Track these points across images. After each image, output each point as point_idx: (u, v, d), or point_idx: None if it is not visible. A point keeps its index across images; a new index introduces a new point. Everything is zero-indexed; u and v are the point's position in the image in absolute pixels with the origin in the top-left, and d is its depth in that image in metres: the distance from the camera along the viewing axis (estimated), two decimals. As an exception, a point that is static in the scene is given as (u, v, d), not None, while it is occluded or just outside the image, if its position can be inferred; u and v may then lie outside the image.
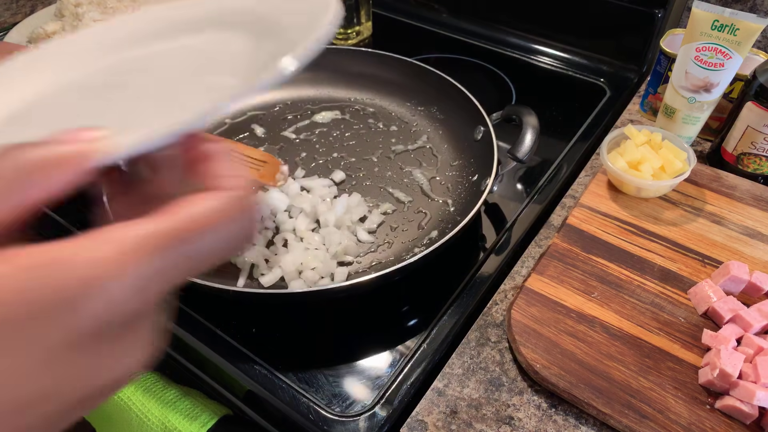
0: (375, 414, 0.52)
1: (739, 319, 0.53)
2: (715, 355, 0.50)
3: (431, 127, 0.82)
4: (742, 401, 0.47)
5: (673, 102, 0.74)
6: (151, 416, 0.56)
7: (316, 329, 0.60)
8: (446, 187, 0.73)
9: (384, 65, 0.86)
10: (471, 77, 0.96)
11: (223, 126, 0.83)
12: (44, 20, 1.05)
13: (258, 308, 0.62)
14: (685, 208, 0.67)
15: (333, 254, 0.63)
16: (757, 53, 0.77)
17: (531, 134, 0.65)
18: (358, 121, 0.84)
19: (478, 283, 0.62)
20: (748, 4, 0.84)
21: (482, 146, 0.71)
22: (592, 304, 0.57)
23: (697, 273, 0.60)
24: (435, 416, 0.51)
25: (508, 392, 0.53)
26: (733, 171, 0.72)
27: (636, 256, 0.62)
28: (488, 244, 0.67)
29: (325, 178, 0.74)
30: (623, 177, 0.66)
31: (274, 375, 0.55)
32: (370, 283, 0.55)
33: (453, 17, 1.08)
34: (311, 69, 0.88)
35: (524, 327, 0.55)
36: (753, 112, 0.67)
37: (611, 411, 0.49)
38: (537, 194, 0.73)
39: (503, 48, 1.02)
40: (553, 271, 0.60)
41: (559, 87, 0.94)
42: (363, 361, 0.56)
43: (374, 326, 0.60)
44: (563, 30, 0.98)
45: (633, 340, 0.54)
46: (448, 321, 0.59)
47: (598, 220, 0.66)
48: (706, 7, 0.66)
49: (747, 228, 0.64)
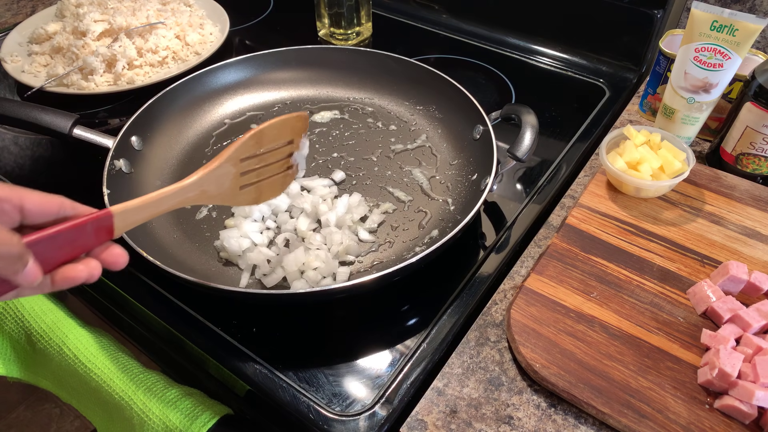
0: (375, 413, 0.52)
1: (738, 318, 0.54)
2: (714, 354, 0.50)
3: (430, 127, 0.82)
4: (741, 401, 0.48)
5: (672, 102, 0.74)
6: (152, 416, 0.56)
7: (316, 328, 0.61)
8: (446, 186, 0.73)
9: (383, 65, 0.86)
10: (470, 77, 0.96)
11: (223, 126, 0.83)
12: (45, 20, 1.05)
13: (258, 308, 0.62)
14: (684, 208, 0.67)
15: (334, 254, 0.64)
16: (756, 54, 0.77)
17: (530, 133, 0.65)
18: (357, 121, 0.84)
19: (478, 282, 0.63)
20: (747, 5, 0.84)
21: (481, 145, 0.72)
22: (591, 303, 0.57)
23: (696, 273, 0.60)
24: (435, 416, 0.51)
25: (508, 392, 0.53)
26: (732, 171, 0.73)
27: (635, 256, 0.62)
28: (488, 242, 0.68)
29: (326, 178, 0.74)
30: (622, 177, 0.66)
31: (274, 374, 0.55)
32: (372, 282, 0.55)
33: (453, 17, 1.08)
34: (311, 69, 0.89)
35: (523, 327, 0.55)
36: (752, 113, 0.67)
37: (610, 410, 0.49)
38: (536, 194, 0.74)
39: (503, 48, 1.02)
40: (553, 270, 0.60)
41: (559, 87, 0.94)
42: (363, 360, 0.56)
43: (374, 326, 0.61)
44: (563, 30, 0.98)
45: (632, 339, 0.54)
46: (447, 320, 0.59)
47: (598, 220, 0.66)
48: (705, 7, 0.66)
49: (746, 228, 0.65)
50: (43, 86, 0.90)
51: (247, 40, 1.08)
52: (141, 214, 0.45)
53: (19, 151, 0.84)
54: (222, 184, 0.52)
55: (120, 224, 0.43)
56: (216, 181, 0.51)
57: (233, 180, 0.53)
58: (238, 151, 0.52)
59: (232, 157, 0.52)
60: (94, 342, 0.62)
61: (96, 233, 0.41)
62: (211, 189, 0.51)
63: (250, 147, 0.53)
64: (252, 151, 0.54)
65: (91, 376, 0.60)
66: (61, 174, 0.81)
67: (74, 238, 0.40)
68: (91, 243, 0.41)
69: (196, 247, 0.67)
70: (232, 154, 0.52)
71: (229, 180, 0.53)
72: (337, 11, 1.01)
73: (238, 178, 0.53)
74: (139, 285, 0.64)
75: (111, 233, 0.43)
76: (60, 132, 0.72)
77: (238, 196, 0.55)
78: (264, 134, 0.54)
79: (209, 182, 0.51)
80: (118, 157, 0.70)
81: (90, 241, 0.41)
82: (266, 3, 1.19)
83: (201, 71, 0.83)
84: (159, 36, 0.97)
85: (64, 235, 0.39)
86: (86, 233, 0.41)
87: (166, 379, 0.59)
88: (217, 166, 0.51)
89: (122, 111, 0.91)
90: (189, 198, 0.49)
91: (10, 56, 0.97)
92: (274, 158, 0.57)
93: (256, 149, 0.54)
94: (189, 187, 0.49)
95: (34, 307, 0.65)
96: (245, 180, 0.54)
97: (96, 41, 0.94)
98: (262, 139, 0.54)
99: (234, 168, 0.53)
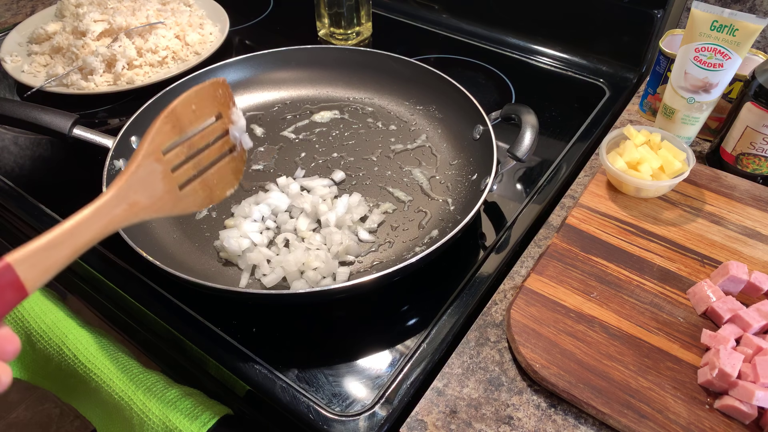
0: (375, 413, 0.52)
1: (738, 319, 0.54)
2: (714, 355, 0.50)
3: (430, 126, 0.82)
4: (741, 401, 0.48)
5: (672, 102, 0.74)
6: (152, 416, 0.56)
7: (316, 328, 0.61)
8: (446, 186, 0.73)
9: (383, 65, 0.86)
10: (470, 77, 0.96)
11: (223, 126, 0.83)
12: (45, 20, 1.05)
13: (258, 308, 0.62)
14: (685, 209, 0.67)
15: (334, 254, 0.64)
16: (756, 53, 0.77)
17: (530, 133, 0.65)
18: (357, 121, 0.84)
19: (478, 282, 0.63)
20: (747, 5, 0.84)
21: (481, 145, 0.71)
22: (591, 304, 0.57)
23: (696, 273, 0.60)
24: (434, 416, 0.51)
25: (508, 392, 0.53)
26: (733, 171, 0.72)
27: (635, 256, 0.62)
28: (488, 242, 0.68)
29: (325, 177, 0.74)
30: (622, 177, 0.66)
31: (274, 374, 0.55)
32: (372, 282, 0.55)
33: (453, 17, 1.08)
34: (311, 69, 0.89)
35: (523, 327, 0.55)
36: (752, 113, 0.67)
37: (610, 411, 0.49)
38: (536, 194, 0.74)
39: (503, 48, 1.02)
40: (553, 271, 0.60)
41: (559, 87, 0.94)
42: (363, 360, 0.56)
43: (374, 326, 0.61)
44: (562, 30, 0.98)
45: (632, 339, 0.54)
46: (447, 321, 0.59)
47: (598, 220, 0.66)
48: (705, 7, 0.66)
49: (746, 228, 0.65)
50: (43, 86, 0.90)
51: (247, 40, 1.08)
52: (56, 254, 0.35)
53: (19, 151, 0.84)
54: (153, 188, 0.43)
55: (29, 274, 0.33)
56: (143, 187, 0.42)
57: (165, 180, 0.44)
58: (154, 142, 0.43)
59: (150, 151, 0.43)
60: (93, 342, 0.62)
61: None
62: (142, 198, 0.42)
63: (167, 133, 0.44)
64: (172, 138, 0.45)
65: (91, 376, 0.60)
66: (61, 174, 0.81)
67: None
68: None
69: (195, 247, 0.67)
70: (147, 148, 0.43)
71: (160, 181, 0.44)
72: (337, 11, 1.01)
73: (170, 177, 0.45)
74: (139, 285, 0.64)
75: (21, 290, 0.33)
76: (60, 132, 0.72)
77: (183, 199, 0.47)
78: (178, 113, 0.45)
79: (134, 190, 0.42)
80: (118, 157, 0.70)
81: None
82: (266, 3, 1.19)
83: (201, 71, 0.83)
84: (159, 36, 0.97)
85: None
86: None
87: (166, 379, 0.59)
88: (136, 167, 0.42)
89: (122, 111, 0.91)
90: (117, 217, 0.40)
91: (9, 56, 0.97)
92: (205, 141, 0.48)
93: (176, 134, 0.45)
94: (109, 203, 0.39)
95: (33, 307, 0.65)
96: (181, 176, 0.46)
97: (96, 41, 0.94)
98: (179, 119, 0.45)
99: (159, 164, 0.44)
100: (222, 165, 0.51)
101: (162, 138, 0.44)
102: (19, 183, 0.78)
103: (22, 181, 0.78)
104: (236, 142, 0.52)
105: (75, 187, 0.78)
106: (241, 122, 0.52)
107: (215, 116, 0.49)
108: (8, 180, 0.78)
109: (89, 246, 0.38)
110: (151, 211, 0.44)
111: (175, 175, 0.45)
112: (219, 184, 0.51)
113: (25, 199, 0.75)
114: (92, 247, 0.38)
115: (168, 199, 0.45)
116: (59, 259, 0.36)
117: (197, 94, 0.47)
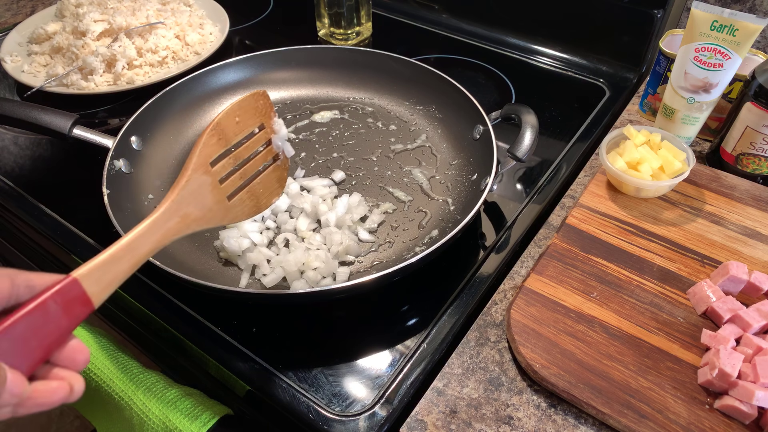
0: (375, 413, 0.52)
1: (738, 319, 0.54)
2: (714, 355, 0.50)
3: (430, 126, 0.82)
4: (741, 401, 0.48)
5: (672, 102, 0.74)
6: (152, 416, 0.56)
7: (316, 328, 0.60)
8: (446, 186, 0.73)
9: (383, 65, 0.86)
10: (470, 77, 0.96)
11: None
12: (45, 20, 1.05)
13: (258, 308, 0.62)
14: (685, 209, 0.67)
15: (334, 254, 0.64)
16: (756, 53, 0.77)
17: (530, 133, 0.65)
18: (357, 121, 0.84)
19: (478, 282, 0.63)
20: (748, 5, 0.84)
21: (481, 145, 0.71)
22: (591, 304, 0.57)
23: (696, 273, 0.60)
24: (434, 416, 0.51)
25: (508, 392, 0.53)
26: (733, 171, 0.72)
27: (635, 256, 0.62)
28: (488, 242, 0.68)
29: (325, 177, 0.74)
30: (622, 177, 0.66)
31: (274, 374, 0.55)
32: (372, 282, 0.55)
33: (453, 17, 1.08)
34: (310, 69, 0.89)
35: (523, 327, 0.55)
36: (752, 113, 0.67)
37: (610, 411, 0.49)
38: (536, 194, 0.74)
39: (503, 48, 1.02)
40: (553, 271, 0.60)
41: (559, 87, 0.94)
42: (363, 360, 0.56)
43: (374, 326, 0.61)
44: (562, 30, 0.98)
45: (632, 339, 0.54)
46: (447, 321, 0.59)
47: (598, 220, 0.66)
48: (705, 7, 0.66)
49: (746, 228, 0.65)
50: (43, 86, 0.90)
51: (247, 40, 1.08)
52: (117, 267, 0.37)
53: (19, 151, 0.84)
54: (203, 200, 0.45)
55: (95, 288, 0.35)
56: (194, 199, 0.44)
57: (214, 191, 0.46)
58: (202, 155, 0.45)
59: (199, 164, 0.44)
60: (94, 342, 0.62)
61: (66, 310, 0.33)
62: (194, 210, 0.44)
63: (213, 146, 0.46)
64: (219, 150, 0.46)
65: (91, 377, 0.60)
66: (61, 174, 0.81)
67: (39, 324, 0.32)
68: (64, 324, 0.33)
69: (195, 247, 0.67)
70: (196, 161, 0.44)
71: (209, 192, 0.46)
72: (337, 11, 1.01)
73: (218, 188, 0.47)
74: (139, 285, 0.64)
75: (88, 304, 0.35)
76: (60, 132, 0.72)
77: (231, 209, 0.48)
78: (223, 126, 0.46)
79: (186, 203, 0.43)
80: (118, 157, 0.70)
81: (62, 322, 0.33)
82: (266, 3, 1.19)
83: (201, 71, 0.83)
84: (159, 36, 0.97)
85: (23, 325, 0.31)
86: (53, 313, 0.33)
87: (165, 379, 0.59)
88: (186, 181, 0.43)
89: (122, 111, 0.91)
90: (170, 229, 0.42)
91: (9, 56, 0.97)
92: (250, 151, 0.50)
93: (222, 146, 0.47)
94: (163, 217, 0.41)
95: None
96: (229, 187, 0.48)
97: (96, 41, 0.94)
98: (224, 131, 0.46)
99: (208, 176, 0.45)
100: (267, 174, 0.52)
101: (209, 150, 0.45)
102: (19, 183, 0.78)
103: (22, 181, 0.78)
104: (279, 151, 0.54)
105: (75, 187, 0.78)
106: (282, 131, 0.53)
107: (258, 127, 0.51)
108: (8, 180, 0.78)
109: (146, 258, 0.40)
110: (203, 222, 0.45)
111: (223, 187, 0.47)
112: (265, 193, 0.52)
113: (25, 199, 0.75)
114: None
115: (218, 210, 0.47)
116: (120, 273, 0.38)
117: (240, 106, 0.48)
